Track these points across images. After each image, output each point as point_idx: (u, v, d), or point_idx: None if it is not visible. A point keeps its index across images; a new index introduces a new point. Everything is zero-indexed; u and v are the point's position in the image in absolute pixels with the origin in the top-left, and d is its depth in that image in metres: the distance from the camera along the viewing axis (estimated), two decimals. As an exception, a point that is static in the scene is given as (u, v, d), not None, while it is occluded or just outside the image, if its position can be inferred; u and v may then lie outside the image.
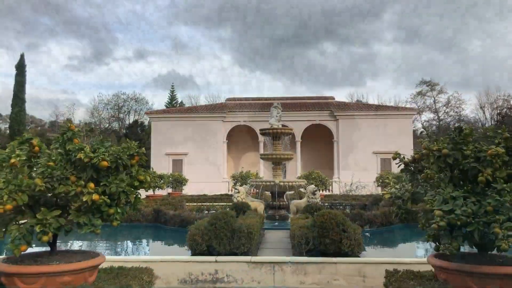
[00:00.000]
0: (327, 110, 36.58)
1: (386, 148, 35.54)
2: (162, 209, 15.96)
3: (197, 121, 36.86)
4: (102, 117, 74.64)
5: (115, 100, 73.30)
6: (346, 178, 32.64)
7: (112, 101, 73.03)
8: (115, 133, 69.76)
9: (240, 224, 9.69)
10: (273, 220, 16.84)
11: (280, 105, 17.83)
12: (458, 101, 51.51)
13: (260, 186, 16.98)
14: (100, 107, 72.18)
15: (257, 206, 16.66)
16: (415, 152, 5.98)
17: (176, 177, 31.28)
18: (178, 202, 18.34)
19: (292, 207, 16.88)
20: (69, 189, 5.06)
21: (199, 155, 36.46)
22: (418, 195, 5.64)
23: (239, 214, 13.34)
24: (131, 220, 16.23)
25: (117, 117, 76.50)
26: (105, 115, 74.11)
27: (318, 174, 27.67)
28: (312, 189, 16.17)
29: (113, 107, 74.55)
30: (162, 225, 15.63)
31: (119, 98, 73.60)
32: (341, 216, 9.57)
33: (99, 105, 72.06)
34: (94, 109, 72.23)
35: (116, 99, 73.41)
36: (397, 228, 15.10)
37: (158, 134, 37.02)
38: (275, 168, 17.56)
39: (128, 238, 14.67)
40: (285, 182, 16.72)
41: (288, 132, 17.41)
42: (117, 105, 74.38)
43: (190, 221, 14.31)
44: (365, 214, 14.34)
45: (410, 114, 36.53)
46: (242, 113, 37.12)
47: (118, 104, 74.25)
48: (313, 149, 38.48)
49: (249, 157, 39.46)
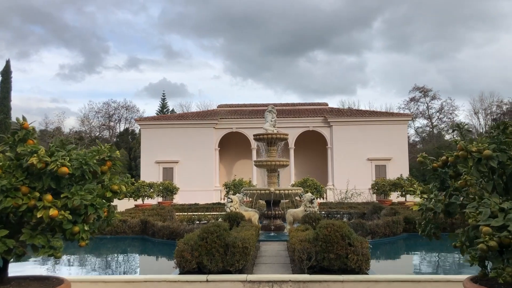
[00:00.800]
0: (320, 117, 35.67)
1: (380, 155, 34.72)
2: (150, 220, 14.81)
3: (188, 128, 35.76)
4: (93, 126, 73.38)
5: (105, 108, 72.17)
6: (340, 185, 31.69)
7: (103, 109, 71.88)
8: (105, 142, 68.45)
9: (234, 238, 8.62)
10: (268, 230, 15.76)
11: (274, 109, 16.84)
12: (451, 107, 51.14)
13: (254, 194, 15.91)
14: (90, 116, 70.93)
15: (252, 216, 15.58)
16: (447, 154, 4.93)
17: (166, 185, 30.08)
18: (168, 212, 17.19)
19: (289, 217, 15.82)
20: (19, 202, 3.97)
21: (190, 163, 35.31)
22: (453, 206, 4.59)
23: (233, 226, 12.25)
24: (116, 232, 15.07)
25: (108, 126, 75.30)
26: (95, 124, 72.83)
27: (313, 181, 26.66)
28: (309, 198, 15.14)
29: (104, 116, 73.41)
30: (149, 237, 14.49)
31: (109, 106, 72.46)
32: (346, 228, 8.53)
33: (89, 114, 70.81)
34: (84, 117, 70.92)
35: (106, 107, 72.27)
36: (401, 239, 14.10)
37: (148, 141, 35.84)
38: (270, 175, 16.51)
39: (112, 252, 13.48)
40: (281, 190, 15.66)
41: (284, 138, 16.40)
42: (108, 113, 73.22)
43: (179, 233, 13.20)
44: (367, 224, 13.33)
45: (404, 120, 35.75)
46: (234, 119, 36.09)
47: (108, 112, 73.10)
48: (307, 156, 37.52)
49: (242, 164, 38.38)
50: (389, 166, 34.49)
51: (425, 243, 14.05)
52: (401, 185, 26.21)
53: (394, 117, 35.78)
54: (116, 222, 14.88)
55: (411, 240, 14.28)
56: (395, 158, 34.52)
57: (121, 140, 66.20)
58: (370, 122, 35.27)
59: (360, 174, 33.91)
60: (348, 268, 8.20)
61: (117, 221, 15.45)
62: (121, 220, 15.13)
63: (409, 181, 26.56)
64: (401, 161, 34.41)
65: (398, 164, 34.27)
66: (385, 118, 35.47)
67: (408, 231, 14.78)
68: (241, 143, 37.21)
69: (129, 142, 64.49)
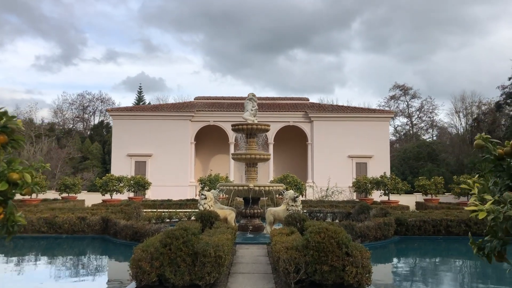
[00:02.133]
0: (301, 111, 34.15)
1: (362, 152, 33.45)
2: (111, 218, 12.92)
3: (163, 120, 33.70)
4: (66, 118, 70.42)
5: (80, 100, 69.21)
6: (320, 182, 30.25)
7: (77, 101, 68.87)
8: (79, 134, 65.96)
9: (205, 244, 6.90)
10: (246, 231, 14.11)
11: (255, 97, 15.13)
12: (431, 106, 50.43)
13: (231, 191, 14.20)
14: (64, 107, 67.93)
15: (227, 215, 13.88)
16: None
17: (138, 180, 28.04)
18: (134, 209, 15.30)
19: (269, 216, 14.18)
20: None
21: (165, 156, 33.29)
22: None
23: (206, 227, 10.54)
24: (73, 231, 13.16)
25: (82, 118, 72.44)
26: (69, 116, 69.86)
27: (293, 178, 25.11)
28: (292, 195, 13.53)
29: (78, 107, 70.50)
30: (111, 237, 12.63)
31: (84, 98, 69.52)
32: (343, 233, 6.93)
33: (63, 105, 67.79)
34: (57, 108, 67.83)
35: (81, 99, 69.30)
36: (393, 243, 12.62)
37: (120, 133, 33.63)
38: (249, 170, 14.83)
39: (63, 255, 11.54)
40: (261, 187, 14.01)
41: (265, 129, 14.73)
42: (82, 105, 70.30)
43: (144, 234, 11.41)
44: (356, 226, 11.79)
45: (387, 117, 34.53)
46: (211, 112, 34.20)
47: (83, 104, 70.19)
48: (286, 152, 35.96)
49: (219, 159, 36.54)
50: (370, 164, 33.26)
51: (419, 248, 12.64)
52: (385, 183, 24.91)
53: (376, 114, 34.52)
54: (21, 228, 12.97)
55: (404, 244, 12.85)
56: (376, 156, 33.30)
57: (96, 133, 63.46)
58: (352, 118, 33.94)
59: (340, 172, 32.56)
60: (344, 283, 6.61)
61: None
62: (79, 218, 13.20)
63: (392, 179, 25.30)
64: (382, 159, 33.22)
65: (379, 162, 33.07)
66: (367, 115, 34.19)
67: (399, 234, 13.35)
68: (219, 137, 35.39)
69: (103, 135, 61.80)
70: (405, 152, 43.49)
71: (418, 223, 13.29)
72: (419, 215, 13.70)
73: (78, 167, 50.00)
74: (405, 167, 41.15)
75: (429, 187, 27.39)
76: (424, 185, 27.49)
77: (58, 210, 14.84)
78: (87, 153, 53.10)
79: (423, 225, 13.30)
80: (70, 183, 27.75)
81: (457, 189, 24.53)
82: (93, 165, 49.91)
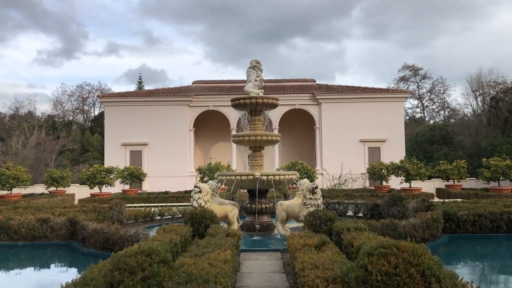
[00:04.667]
0: (308, 93, 30.89)
1: (374, 136, 30.25)
2: (79, 220, 9.87)
3: (158, 106, 30.52)
4: (66, 110, 67.75)
5: (79, 92, 66.39)
6: (329, 169, 27.16)
7: (76, 92, 66.07)
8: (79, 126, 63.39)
9: (186, 279, 3.84)
10: (252, 231, 11.08)
11: (260, 65, 11.95)
12: (443, 86, 46.84)
13: (232, 181, 11.14)
14: (63, 99, 65.20)
15: (229, 212, 10.85)
16: None
17: (132, 171, 25.00)
18: (115, 206, 12.24)
19: (280, 212, 11.12)
20: None
21: (162, 145, 30.19)
22: None
23: (198, 233, 7.51)
24: (33, 237, 10.13)
25: (82, 110, 69.63)
26: (69, 107, 67.20)
27: (302, 165, 22.03)
28: (310, 186, 10.45)
29: (77, 99, 67.77)
30: (79, 245, 9.60)
31: (83, 90, 66.59)
32: (427, 255, 3.85)
33: (62, 97, 65.04)
34: (57, 101, 65.08)
35: (80, 90, 66.41)
36: (443, 245, 9.49)
37: (113, 121, 30.49)
38: (254, 156, 11.76)
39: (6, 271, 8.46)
40: (270, 176, 10.93)
41: (273, 103, 11.58)
42: (82, 96, 67.46)
43: (117, 242, 8.39)
44: (400, 225, 8.69)
45: (401, 98, 31.25)
46: (211, 96, 30.99)
47: (82, 95, 67.30)
48: (292, 138, 32.76)
49: (220, 147, 33.38)
50: (384, 148, 30.09)
51: (472, 249, 9.56)
52: (406, 169, 21.78)
53: (389, 94, 31.20)
54: (50, 214, 9.96)
55: (457, 245, 9.75)
56: (390, 140, 30.10)
57: (96, 125, 60.50)
58: (363, 100, 30.66)
59: (352, 158, 29.40)
60: None
61: (50, 213, 10.56)
62: (40, 220, 10.16)
63: (414, 164, 22.17)
64: (397, 143, 30.03)
65: (394, 146, 29.90)
66: (380, 95, 30.88)
67: (447, 232, 10.26)
68: (219, 123, 32.22)
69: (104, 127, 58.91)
70: (417, 135, 40.25)
71: (472, 217, 10.18)
72: (471, 207, 10.58)
73: (79, 159, 47.51)
74: (418, 152, 37.96)
75: (451, 171, 24.29)
76: (445, 170, 24.39)
77: (22, 209, 11.82)
78: (87, 145, 50.63)
79: (478, 220, 10.20)
80: (58, 176, 24.75)
81: (487, 173, 21.41)
82: (93, 157, 47.28)
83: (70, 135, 50.97)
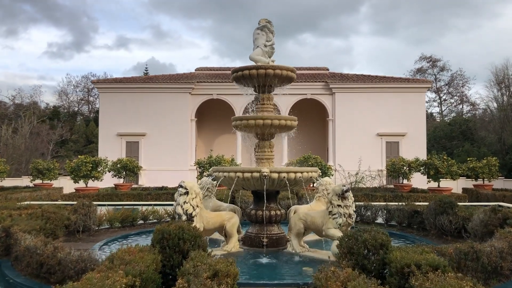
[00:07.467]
0: (321, 82, 27.77)
1: (393, 130, 27.09)
2: (13, 231, 6.91)
3: (158, 93, 27.53)
4: (71, 101, 65.85)
5: (84, 82, 64.55)
6: (343, 165, 24.08)
7: (81, 83, 64.29)
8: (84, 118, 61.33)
9: None
10: (257, 246, 8.05)
11: (271, 25, 8.85)
12: (462, 79, 43.39)
13: (232, 179, 8.10)
14: (69, 90, 63.48)
15: (226, 221, 7.84)
16: None
17: (125, 163, 22.11)
18: (82, 207, 9.27)
19: (296, 223, 8.06)
20: None
21: (161, 136, 27.23)
22: None
23: (168, 268, 4.50)
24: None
25: (87, 101, 67.69)
26: (73, 98, 65.29)
27: (316, 160, 18.98)
28: (339, 189, 7.38)
29: (83, 90, 65.93)
30: (11, 267, 6.66)
31: (88, 80, 64.51)
32: None
33: (67, 88, 63.33)
34: (62, 91, 63.29)
35: (85, 81, 64.45)
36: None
37: (108, 109, 27.56)
38: (262, 146, 8.71)
39: None
40: (283, 173, 7.88)
41: (288, 76, 8.51)
42: (87, 87, 65.50)
43: (54, 269, 5.43)
44: (483, 251, 5.61)
45: (423, 88, 28.04)
46: (214, 84, 27.95)
47: (87, 86, 65.27)
48: (303, 130, 29.59)
49: (224, 139, 30.29)
50: (403, 143, 26.93)
51: None
52: (435, 166, 18.63)
53: (410, 84, 27.94)
54: None
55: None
56: (410, 134, 26.91)
57: (101, 116, 58.23)
58: (381, 90, 27.47)
59: (368, 153, 26.27)
60: None
61: None
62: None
63: (443, 160, 19.03)
64: (418, 137, 26.84)
65: (414, 141, 26.73)
66: (400, 85, 27.66)
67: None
68: (224, 114, 29.08)
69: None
70: (435, 130, 36.97)
71: None
72: None
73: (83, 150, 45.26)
74: (437, 148, 34.71)
75: (481, 170, 21.16)
76: (474, 168, 21.26)
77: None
78: (92, 136, 48.49)
79: None
80: (44, 167, 21.95)
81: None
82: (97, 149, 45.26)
83: (74, 126, 48.99)
